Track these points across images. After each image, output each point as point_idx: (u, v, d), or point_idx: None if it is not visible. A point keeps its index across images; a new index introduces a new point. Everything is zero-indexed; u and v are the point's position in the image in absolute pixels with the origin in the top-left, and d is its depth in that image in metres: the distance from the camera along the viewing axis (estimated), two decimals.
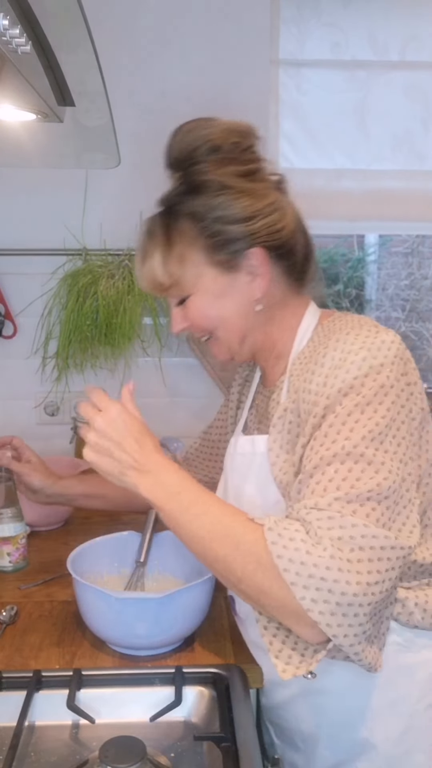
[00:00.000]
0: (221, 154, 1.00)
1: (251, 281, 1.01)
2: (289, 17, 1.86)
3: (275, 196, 1.01)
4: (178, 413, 1.97)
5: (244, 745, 0.89)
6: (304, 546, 0.81)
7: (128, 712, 0.99)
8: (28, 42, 0.69)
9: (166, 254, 1.01)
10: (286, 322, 1.05)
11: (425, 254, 3.23)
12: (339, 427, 0.88)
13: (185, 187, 1.02)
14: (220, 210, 0.98)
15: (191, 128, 1.01)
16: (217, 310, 1.03)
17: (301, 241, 1.03)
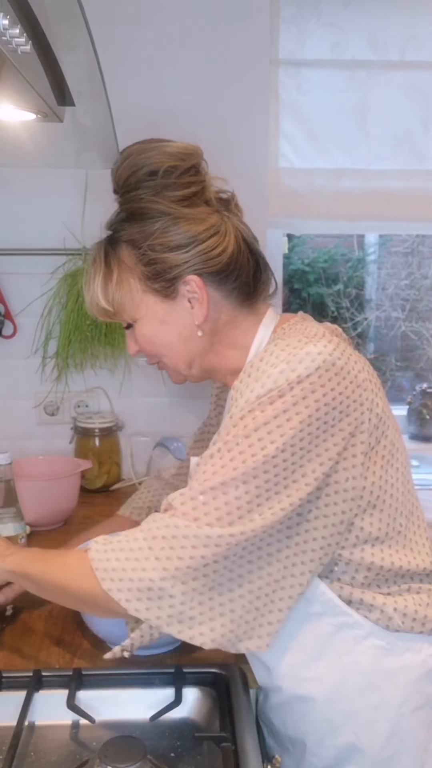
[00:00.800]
0: (159, 179, 0.99)
1: (191, 308, 1.00)
2: (289, 17, 1.86)
3: (215, 219, 1.00)
4: (178, 413, 1.97)
5: (244, 745, 0.89)
6: (114, 545, 0.90)
7: (128, 712, 1.00)
8: (28, 42, 0.69)
9: (106, 281, 1.02)
10: (240, 341, 1.04)
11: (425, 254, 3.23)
12: (230, 429, 0.89)
13: (125, 213, 1.02)
14: (155, 238, 0.98)
15: (131, 152, 1.00)
16: (161, 337, 1.03)
17: (245, 263, 1.02)
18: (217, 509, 0.85)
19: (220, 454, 0.88)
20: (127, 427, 1.97)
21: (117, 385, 1.96)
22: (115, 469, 1.94)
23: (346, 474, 0.90)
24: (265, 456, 0.85)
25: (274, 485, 0.86)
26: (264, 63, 1.83)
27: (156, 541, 0.86)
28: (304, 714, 1.00)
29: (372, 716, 0.98)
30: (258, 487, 0.86)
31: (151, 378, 1.95)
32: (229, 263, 1.00)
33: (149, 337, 1.04)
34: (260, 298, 1.06)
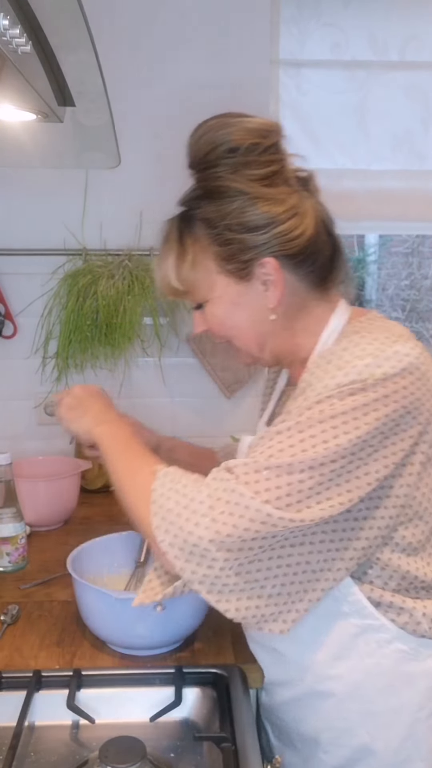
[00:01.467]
0: (239, 157, 0.94)
1: (265, 290, 0.97)
2: (289, 17, 1.86)
3: (295, 199, 0.96)
4: (178, 413, 1.97)
5: (244, 745, 0.89)
6: (178, 486, 0.90)
7: (128, 712, 0.99)
8: (28, 42, 0.69)
9: (180, 260, 0.98)
10: (310, 329, 1.00)
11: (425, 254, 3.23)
12: (304, 411, 0.87)
13: (201, 190, 0.98)
14: (233, 217, 0.94)
15: (210, 127, 0.96)
16: (232, 318, 1.00)
17: (324, 245, 0.99)
18: (278, 488, 0.84)
19: (290, 433, 0.86)
20: None
21: (117, 385, 1.95)
22: None
23: (402, 481, 0.90)
24: (337, 446, 0.84)
25: (337, 476, 0.85)
26: (264, 63, 1.83)
27: (219, 503, 0.85)
28: (320, 710, 1.00)
29: (389, 719, 0.98)
30: (322, 475, 0.85)
31: (151, 378, 1.95)
32: (307, 246, 0.96)
33: (220, 319, 1.01)
34: (334, 285, 1.02)
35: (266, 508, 0.83)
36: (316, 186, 1.03)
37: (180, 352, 1.94)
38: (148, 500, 0.91)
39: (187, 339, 1.92)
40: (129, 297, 1.79)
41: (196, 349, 1.92)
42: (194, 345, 1.91)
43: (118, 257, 1.82)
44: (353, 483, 0.86)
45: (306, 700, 1.01)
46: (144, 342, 1.91)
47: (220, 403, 1.98)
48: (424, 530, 0.94)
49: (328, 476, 0.85)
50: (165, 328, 1.90)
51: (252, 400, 1.99)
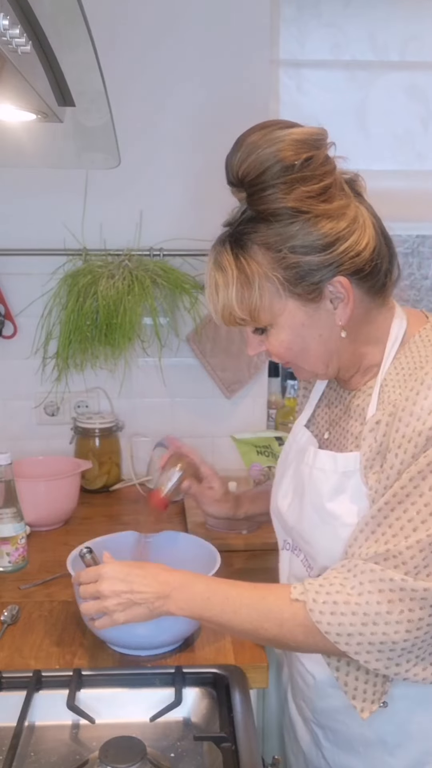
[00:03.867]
0: (294, 174, 0.89)
1: (334, 309, 0.93)
2: (289, 17, 1.86)
3: (353, 210, 0.92)
4: (178, 413, 1.97)
5: (244, 745, 0.89)
6: (341, 607, 0.88)
7: (128, 712, 0.99)
8: (28, 42, 0.69)
9: (243, 289, 0.92)
10: (373, 337, 0.97)
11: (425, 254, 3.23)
12: (426, 469, 0.86)
13: (254, 213, 0.91)
14: (296, 239, 0.89)
15: (257, 145, 0.89)
16: (300, 341, 0.95)
17: (385, 251, 0.95)
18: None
19: (429, 510, 0.86)
20: (127, 427, 1.97)
21: (117, 386, 1.95)
22: (115, 469, 1.94)
23: None
24: None
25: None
26: (264, 63, 1.83)
27: (393, 605, 0.86)
28: (388, 713, 0.98)
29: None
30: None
31: (151, 378, 1.95)
32: (372, 258, 0.92)
33: (287, 343, 0.96)
34: (391, 288, 0.99)
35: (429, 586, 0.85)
36: (363, 186, 0.99)
37: (180, 352, 1.94)
38: (318, 636, 0.88)
39: (187, 339, 1.92)
40: (129, 297, 1.79)
41: (196, 349, 1.92)
42: (194, 345, 1.91)
43: (118, 257, 1.82)
44: None
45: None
46: (144, 342, 1.91)
47: (220, 403, 1.98)
48: None
49: None
50: (165, 328, 1.90)
51: (252, 400, 1.99)
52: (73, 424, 1.93)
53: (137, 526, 1.30)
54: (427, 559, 0.85)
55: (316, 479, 1.01)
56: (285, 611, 0.91)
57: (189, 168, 1.83)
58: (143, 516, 1.68)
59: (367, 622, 0.86)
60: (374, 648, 0.87)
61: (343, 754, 1.06)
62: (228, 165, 0.93)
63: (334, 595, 0.88)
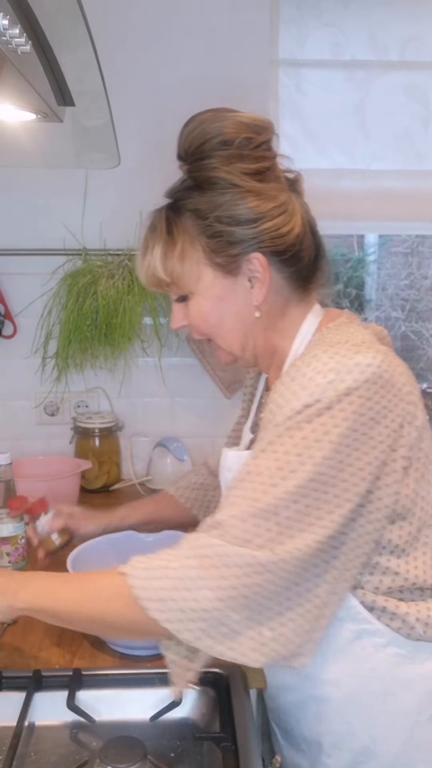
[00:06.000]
0: (232, 150, 0.95)
1: (251, 287, 0.97)
2: (289, 17, 1.86)
3: (285, 197, 0.97)
4: (178, 413, 1.97)
5: (244, 745, 0.89)
6: (158, 572, 0.86)
7: (128, 712, 0.99)
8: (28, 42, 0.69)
9: (167, 250, 0.97)
10: (287, 330, 1.01)
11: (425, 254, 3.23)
12: (275, 439, 0.87)
13: (192, 181, 0.98)
14: (224, 209, 0.94)
15: (204, 119, 0.96)
16: (217, 314, 0.99)
17: (309, 246, 0.99)
18: (269, 530, 0.83)
19: (269, 473, 0.85)
20: (127, 427, 1.97)
21: (117, 385, 1.96)
22: (115, 469, 1.94)
23: (388, 489, 0.89)
24: (317, 474, 0.84)
25: (324, 503, 0.85)
26: (264, 63, 1.83)
27: (208, 571, 0.83)
28: (320, 715, 1.00)
29: (388, 722, 0.97)
30: (308, 506, 0.84)
31: (151, 378, 1.95)
32: (294, 244, 0.96)
33: (205, 314, 1.00)
34: (314, 287, 1.02)
35: (258, 558, 0.82)
36: (302, 188, 1.04)
37: (180, 352, 1.94)
38: (132, 602, 0.85)
39: (187, 339, 1.92)
40: (129, 297, 1.79)
41: (196, 349, 1.92)
42: (194, 345, 1.91)
43: (118, 257, 1.82)
44: (338, 502, 0.85)
45: (307, 705, 1.01)
46: (144, 342, 1.91)
47: (220, 403, 1.98)
48: (410, 530, 0.93)
49: (314, 505, 0.84)
50: (165, 328, 1.90)
51: None
52: (73, 424, 1.93)
53: (137, 526, 1.30)
54: (246, 528, 0.84)
55: (225, 479, 1.05)
56: (107, 585, 0.90)
57: None
58: None
59: (179, 587, 0.83)
60: (185, 616, 0.83)
61: (294, 752, 1.08)
62: (178, 140, 0.99)
63: (154, 562, 0.87)
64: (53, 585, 0.96)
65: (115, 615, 0.89)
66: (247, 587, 0.82)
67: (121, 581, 0.87)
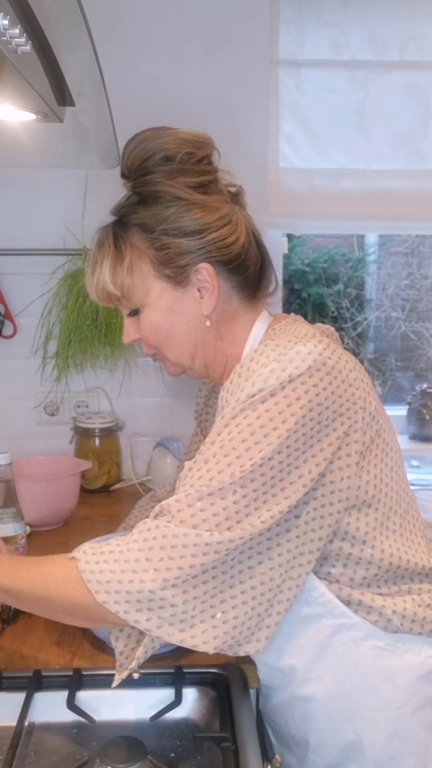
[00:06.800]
0: (174, 165, 0.98)
1: (200, 297, 1.00)
2: (289, 17, 1.86)
3: (228, 208, 1.00)
4: (178, 413, 1.97)
5: (244, 745, 0.89)
6: (105, 555, 0.86)
7: (128, 712, 1.00)
8: (28, 42, 0.69)
9: (116, 265, 1.00)
10: (237, 338, 1.03)
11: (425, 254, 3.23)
12: (222, 429, 0.88)
13: (136, 197, 1.01)
14: (169, 222, 0.97)
15: (146, 137, 0.99)
16: (167, 326, 1.01)
17: (254, 255, 1.02)
18: (215, 515, 0.84)
19: (216, 459, 0.87)
20: (127, 427, 1.97)
21: (117, 385, 1.96)
22: (115, 469, 1.94)
23: (341, 474, 0.90)
24: (262, 459, 0.85)
25: (271, 488, 0.86)
26: (264, 63, 1.83)
27: (153, 552, 0.84)
28: (306, 713, 1.01)
29: (372, 716, 0.98)
30: (255, 490, 0.85)
31: (151, 378, 1.95)
32: (240, 253, 1.00)
33: (156, 326, 1.02)
34: (261, 295, 1.06)
35: (204, 538, 0.83)
36: (245, 201, 1.06)
37: None
38: (79, 585, 0.86)
39: None
40: None
41: None
42: None
43: None
44: (288, 489, 0.86)
45: (293, 704, 1.02)
46: None
47: None
48: (376, 517, 0.94)
49: (261, 489, 0.85)
50: None
51: None
52: (73, 423, 1.93)
53: None
54: (192, 512, 0.84)
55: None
56: (58, 568, 0.90)
57: None
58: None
59: (126, 569, 0.84)
60: (132, 597, 0.83)
61: (285, 752, 1.09)
62: (121, 158, 1.02)
63: (104, 547, 0.88)
64: (9, 564, 0.96)
65: (63, 597, 0.89)
66: (193, 567, 0.83)
67: (71, 565, 0.88)
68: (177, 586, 0.83)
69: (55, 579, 0.90)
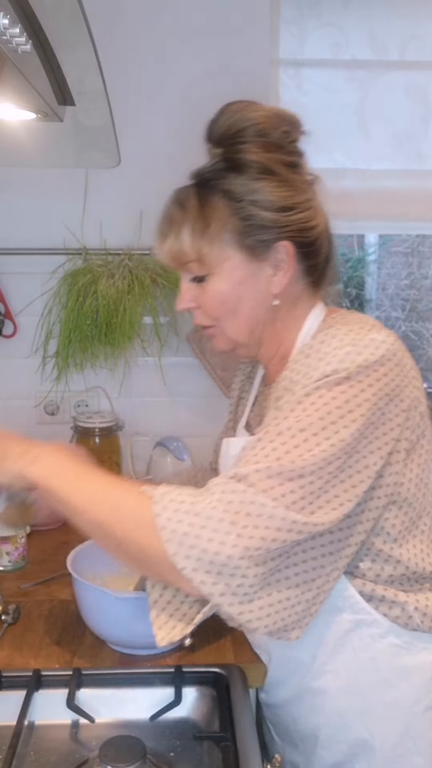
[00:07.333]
0: (271, 139, 0.97)
1: (273, 275, 0.98)
2: (289, 17, 1.86)
3: (311, 193, 0.99)
4: (178, 413, 1.97)
5: (244, 745, 0.89)
6: (186, 507, 0.84)
7: (128, 712, 1.00)
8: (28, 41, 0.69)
9: (198, 228, 0.96)
10: (294, 322, 1.02)
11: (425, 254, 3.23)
12: (296, 406, 0.87)
13: (226, 164, 0.98)
14: (259, 194, 0.94)
15: (241, 108, 0.98)
16: (234, 297, 0.98)
17: (326, 243, 1.01)
18: (292, 492, 0.82)
19: (291, 433, 0.85)
20: (127, 427, 1.96)
21: (117, 385, 1.95)
22: (115, 469, 1.94)
23: (391, 468, 0.90)
24: (340, 441, 0.84)
25: (341, 473, 0.85)
26: (264, 63, 1.83)
27: (239, 517, 0.81)
28: (317, 707, 1.01)
29: (385, 713, 0.98)
30: (330, 473, 0.84)
31: (151, 378, 1.95)
32: (316, 239, 0.99)
33: (223, 296, 0.98)
34: (324, 285, 1.04)
35: (290, 515, 0.82)
36: (319, 189, 1.05)
37: (180, 351, 1.94)
38: (150, 529, 0.83)
39: (187, 338, 1.92)
40: (129, 296, 1.79)
41: (196, 348, 1.92)
42: (194, 344, 1.91)
43: (118, 257, 1.82)
44: (356, 478, 0.86)
45: (303, 697, 1.02)
46: (144, 341, 1.90)
47: (220, 403, 1.97)
48: (411, 516, 0.94)
49: (334, 474, 0.85)
50: (165, 327, 1.90)
51: None
52: (73, 423, 1.92)
53: None
54: (271, 484, 0.83)
55: (231, 467, 1.03)
56: (132, 501, 0.88)
57: (189, 167, 1.83)
58: None
59: (207, 527, 0.81)
60: (206, 558, 0.81)
61: (288, 748, 1.09)
62: (210, 125, 1.01)
63: (184, 497, 0.86)
64: (75, 472, 0.94)
65: (127, 533, 0.87)
66: (275, 542, 0.81)
67: (146, 504, 0.86)
68: (253, 557, 0.81)
69: (126, 512, 0.87)
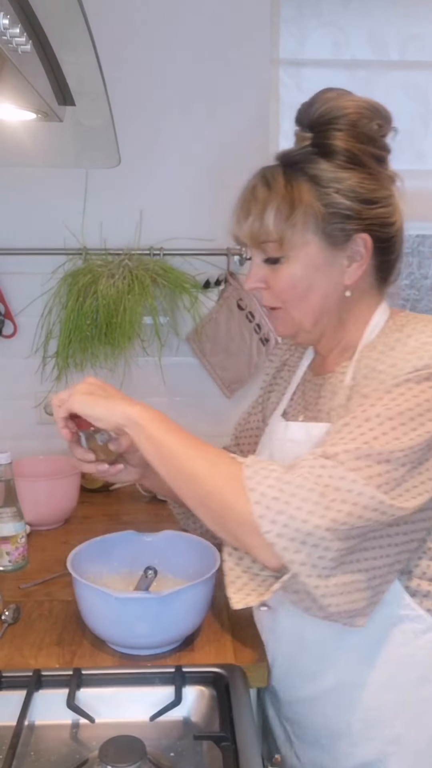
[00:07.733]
0: (364, 130, 0.97)
1: (348, 266, 0.98)
2: (289, 17, 1.86)
3: (393, 190, 1.00)
4: (178, 413, 1.96)
5: (244, 745, 0.89)
6: (277, 474, 0.86)
7: (128, 712, 0.99)
8: (28, 41, 0.69)
9: (283, 210, 0.95)
10: (361, 316, 1.02)
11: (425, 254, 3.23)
12: (384, 395, 0.88)
13: (315, 149, 0.97)
14: (345, 183, 0.95)
15: (336, 96, 0.99)
16: (307, 282, 0.98)
17: (399, 242, 1.02)
18: (380, 475, 0.84)
19: (379, 420, 0.86)
20: None
21: (117, 385, 1.92)
22: None
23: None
24: (427, 432, 0.86)
25: (421, 465, 0.87)
26: (264, 63, 1.83)
27: (328, 490, 0.83)
28: (354, 701, 0.99)
29: (421, 709, 0.98)
30: (412, 462, 0.86)
31: (151, 378, 1.95)
32: (393, 236, 1.00)
33: (296, 281, 0.98)
34: (390, 282, 1.05)
35: (379, 495, 0.83)
36: (399, 189, 1.05)
37: (180, 351, 1.94)
38: (239, 489, 0.85)
39: (187, 338, 1.92)
40: (129, 296, 1.79)
41: (196, 348, 1.92)
42: (194, 344, 1.91)
43: (118, 257, 1.82)
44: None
45: (339, 691, 1.00)
46: (144, 341, 1.91)
47: (220, 403, 1.98)
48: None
49: (416, 464, 0.86)
50: (165, 327, 1.90)
51: (252, 399, 1.99)
52: None
53: (137, 526, 1.30)
54: (359, 465, 0.84)
55: (288, 450, 1.03)
56: (225, 461, 0.91)
57: (189, 168, 1.83)
58: (143, 515, 1.69)
59: (296, 496, 0.83)
60: (292, 525, 0.82)
61: (309, 749, 1.07)
62: (301, 109, 1.02)
63: (275, 466, 0.88)
64: (175, 424, 0.96)
65: (215, 488, 0.89)
66: (360, 519, 0.82)
67: (238, 465, 0.89)
68: (338, 531, 0.82)
69: (219, 468, 0.90)
